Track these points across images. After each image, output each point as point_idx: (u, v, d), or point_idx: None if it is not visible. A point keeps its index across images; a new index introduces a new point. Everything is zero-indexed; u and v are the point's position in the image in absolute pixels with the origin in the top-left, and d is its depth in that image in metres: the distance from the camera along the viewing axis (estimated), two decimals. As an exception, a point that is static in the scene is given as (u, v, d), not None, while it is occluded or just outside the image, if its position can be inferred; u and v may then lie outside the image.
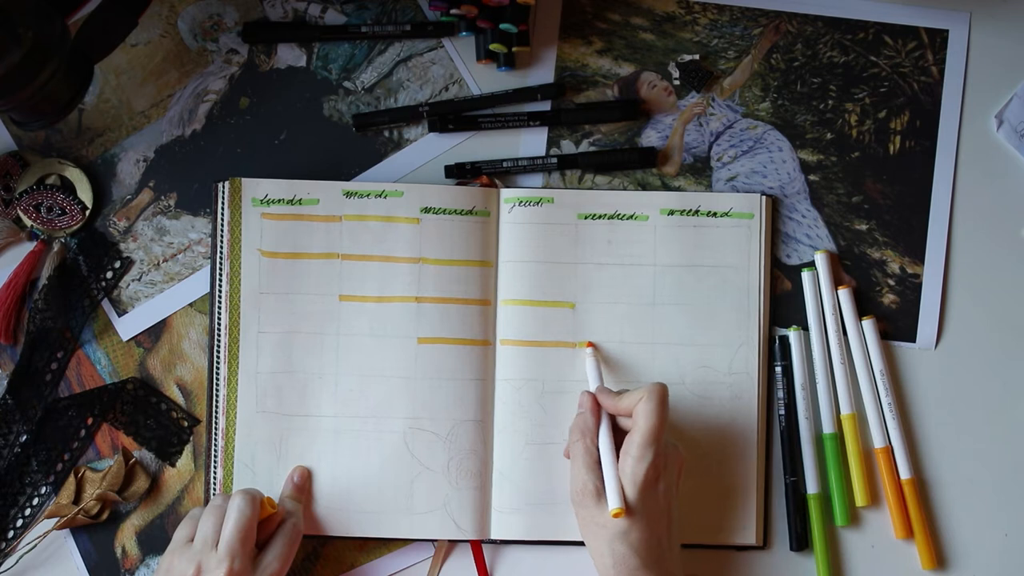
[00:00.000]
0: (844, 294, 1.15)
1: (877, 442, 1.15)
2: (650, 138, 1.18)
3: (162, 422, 1.16)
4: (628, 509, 1.03)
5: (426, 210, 1.15)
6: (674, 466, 1.07)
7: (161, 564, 1.07)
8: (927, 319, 1.17)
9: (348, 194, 1.15)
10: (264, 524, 1.08)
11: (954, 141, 1.18)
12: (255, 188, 1.15)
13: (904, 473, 1.14)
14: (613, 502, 1.03)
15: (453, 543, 1.15)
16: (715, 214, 1.16)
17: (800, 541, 1.14)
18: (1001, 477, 1.16)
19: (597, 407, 1.09)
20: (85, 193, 1.17)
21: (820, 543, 1.14)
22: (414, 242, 1.14)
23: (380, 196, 1.15)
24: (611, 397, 1.08)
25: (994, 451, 1.16)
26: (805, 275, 1.16)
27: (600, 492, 1.05)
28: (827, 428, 1.15)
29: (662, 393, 1.05)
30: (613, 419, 1.08)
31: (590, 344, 1.14)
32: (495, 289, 1.15)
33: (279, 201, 1.15)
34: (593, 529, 1.05)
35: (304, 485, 1.13)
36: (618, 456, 1.05)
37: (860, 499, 1.14)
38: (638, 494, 1.03)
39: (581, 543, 1.13)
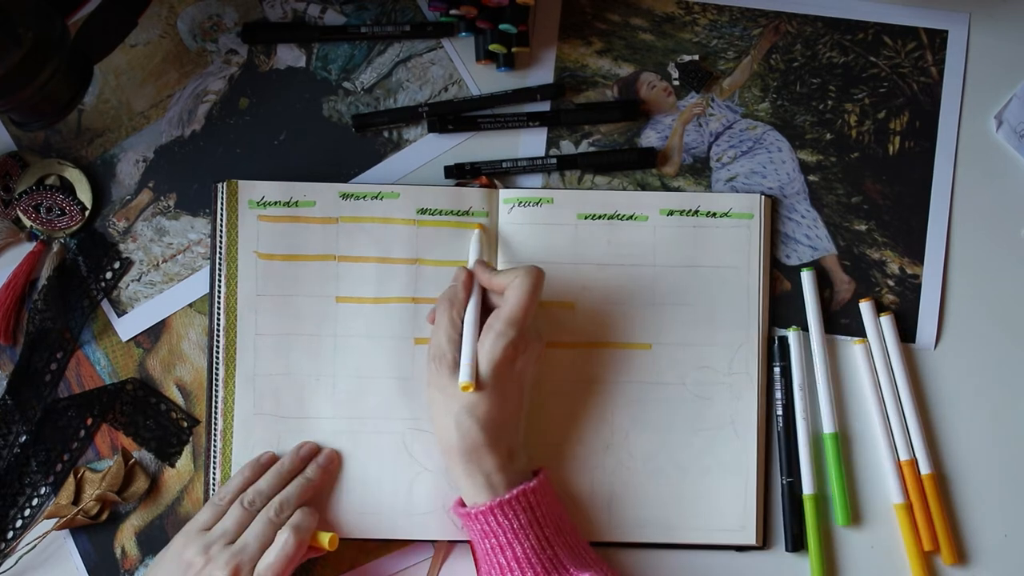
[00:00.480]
0: (866, 307, 1.16)
1: (901, 450, 1.15)
2: (650, 138, 1.18)
3: (161, 423, 1.16)
4: (479, 384, 1.04)
5: (423, 211, 1.15)
6: (534, 351, 1.07)
7: (172, 544, 1.08)
8: (927, 319, 1.17)
9: (344, 196, 1.15)
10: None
11: (953, 141, 1.18)
12: (251, 190, 1.15)
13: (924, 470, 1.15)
14: (464, 375, 1.04)
15: (452, 543, 1.15)
16: (715, 214, 1.16)
17: (796, 542, 1.14)
18: (1001, 477, 1.16)
19: (471, 282, 1.09)
20: (84, 194, 1.17)
21: (816, 544, 1.14)
22: (411, 243, 1.14)
23: (376, 198, 1.15)
24: (487, 272, 1.09)
25: (994, 451, 1.16)
26: (804, 275, 1.16)
27: (455, 364, 1.05)
28: (827, 428, 1.15)
29: (537, 275, 1.06)
30: (485, 298, 1.09)
31: (480, 226, 1.14)
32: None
33: (275, 203, 1.15)
34: (441, 400, 1.06)
35: (330, 467, 1.13)
36: (480, 332, 1.06)
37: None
38: (492, 370, 1.04)
39: (580, 543, 1.13)
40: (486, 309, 1.08)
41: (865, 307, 1.16)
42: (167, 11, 1.19)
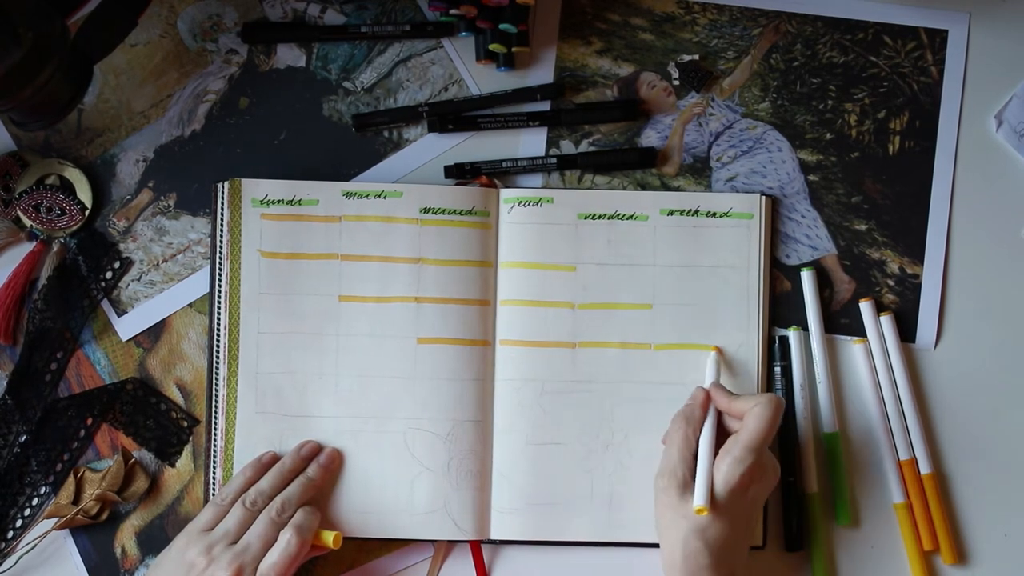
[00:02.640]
0: (866, 307, 1.16)
1: (901, 450, 1.15)
2: (650, 138, 1.19)
3: (161, 422, 1.16)
4: (713, 506, 1.03)
5: (425, 210, 1.15)
6: (768, 480, 1.07)
7: (174, 543, 1.08)
8: (927, 319, 1.17)
9: (348, 195, 1.15)
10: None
11: (953, 141, 1.18)
12: (255, 189, 1.15)
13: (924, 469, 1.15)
14: (700, 498, 1.03)
15: (453, 543, 1.15)
16: (715, 214, 1.16)
17: (795, 541, 1.14)
18: (1001, 476, 1.16)
19: (708, 403, 1.09)
20: (84, 193, 1.17)
21: (818, 543, 1.14)
22: (413, 242, 1.14)
23: (380, 196, 1.15)
24: (725, 395, 1.08)
25: (994, 451, 1.16)
26: (804, 275, 1.16)
27: (688, 484, 1.05)
28: (827, 428, 1.15)
29: (778, 404, 1.05)
30: (719, 422, 1.09)
31: (716, 349, 1.14)
32: (495, 289, 1.15)
33: (279, 202, 1.15)
34: (670, 517, 1.05)
35: (331, 466, 1.13)
36: (715, 455, 1.05)
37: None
38: (727, 494, 1.03)
39: (581, 544, 1.13)
40: (720, 432, 1.08)
41: (865, 307, 1.16)
42: (167, 11, 1.19)
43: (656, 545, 1.12)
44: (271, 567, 1.04)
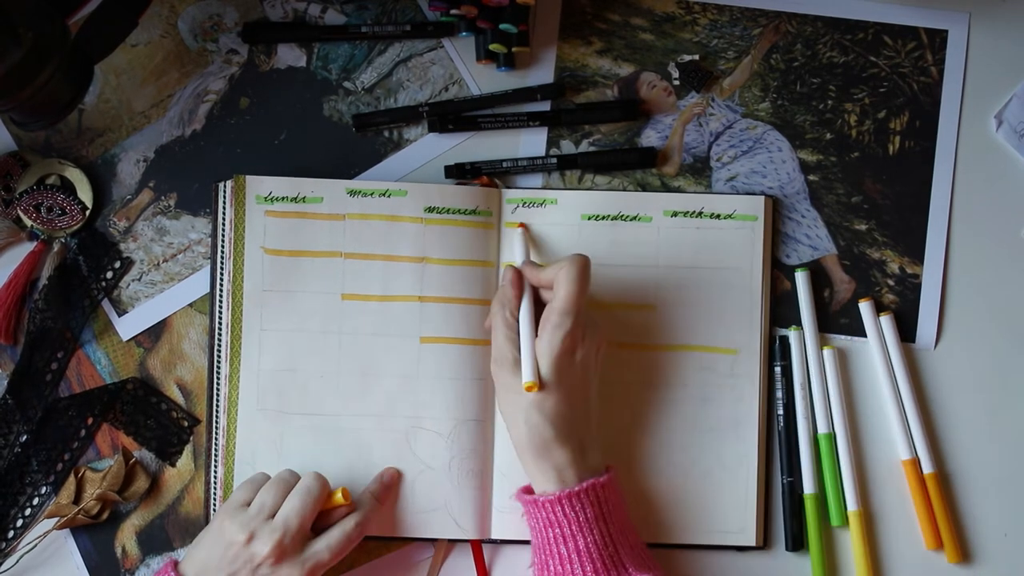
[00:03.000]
0: (865, 307, 1.16)
1: (903, 450, 1.15)
2: (650, 138, 1.19)
3: (162, 422, 1.16)
4: (542, 382, 1.04)
5: (430, 209, 1.15)
6: (593, 339, 1.07)
7: (212, 523, 1.08)
8: (927, 319, 1.17)
9: (352, 192, 1.15)
10: (330, 513, 1.09)
11: (953, 141, 1.18)
12: (259, 186, 1.15)
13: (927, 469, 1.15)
14: (527, 375, 1.04)
15: (453, 543, 1.15)
16: (719, 216, 1.16)
17: (796, 541, 1.14)
18: (1001, 476, 1.16)
19: (519, 281, 1.09)
20: (85, 193, 1.17)
21: (816, 543, 1.14)
22: (417, 241, 1.14)
23: (384, 195, 1.15)
24: (534, 269, 1.09)
25: (994, 451, 1.16)
26: (799, 275, 1.16)
27: (517, 363, 1.05)
28: (822, 428, 1.15)
29: (583, 262, 1.05)
30: (536, 295, 1.09)
31: (522, 225, 1.14)
32: (497, 289, 1.15)
33: (283, 199, 1.15)
34: (509, 398, 1.06)
35: (392, 485, 1.13)
36: (537, 328, 1.06)
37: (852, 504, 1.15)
38: (553, 364, 1.04)
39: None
40: (540, 307, 1.08)
41: (864, 307, 1.16)
42: (168, 11, 1.19)
43: (657, 546, 1.12)
44: (290, 509, 1.06)
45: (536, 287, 1.09)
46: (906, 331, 1.17)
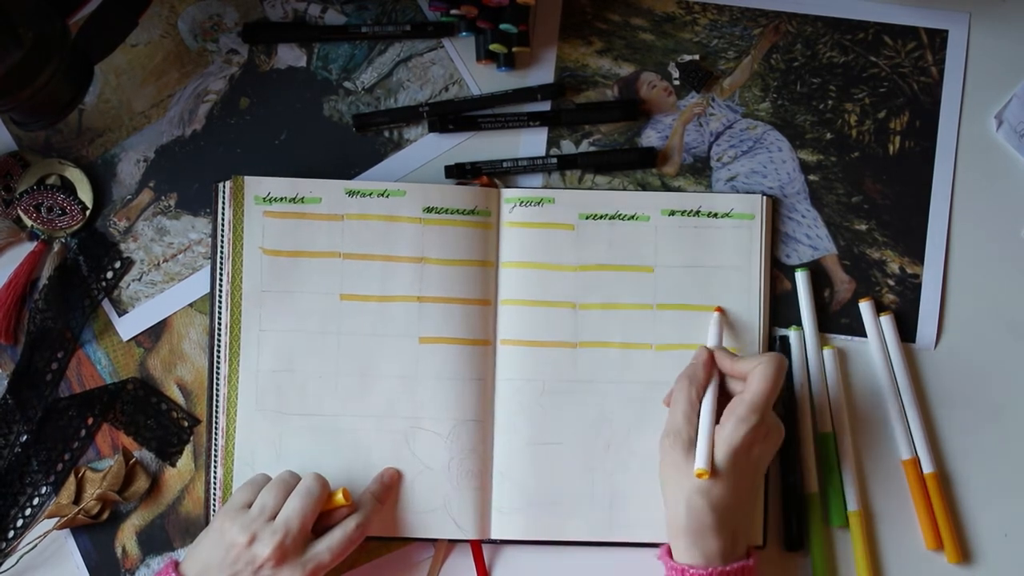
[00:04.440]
0: (865, 307, 1.16)
1: (904, 449, 1.15)
2: (650, 138, 1.19)
3: (162, 422, 1.16)
4: (715, 470, 1.03)
5: (428, 210, 1.15)
6: (773, 440, 1.07)
7: (212, 524, 1.08)
8: (927, 319, 1.17)
9: (350, 193, 1.15)
10: (331, 513, 1.09)
11: (953, 141, 1.18)
12: (258, 186, 1.15)
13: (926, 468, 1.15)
14: (700, 461, 1.03)
15: (453, 543, 1.15)
16: (716, 215, 1.16)
17: (795, 541, 1.14)
18: (1001, 476, 1.16)
19: (712, 364, 1.09)
20: (85, 193, 1.17)
21: (818, 543, 1.14)
22: (416, 242, 1.14)
23: (383, 195, 1.15)
24: (728, 357, 1.08)
25: (994, 451, 1.16)
26: (799, 275, 1.16)
27: (691, 444, 1.05)
28: (822, 428, 1.15)
29: (781, 362, 1.05)
30: (722, 383, 1.09)
31: (719, 309, 1.14)
32: (496, 289, 1.15)
33: (282, 199, 1.15)
34: (675, 477, 1.05)
35: (392, 485, 1.13)
36: (718, 418, 1.05)
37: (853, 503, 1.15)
38: (730, 455, 1.03)
39: (581, 543, 1.13)
40: (723, 394, 1.08)
41: (865, 307, 1.16)
42: (168, 11, 1.19)
43: (657, 545, 1.12)
44: (291, 510, 1.06)
45: (724, 375, 1.09)
46: (906, 331, 1.17)
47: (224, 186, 1.15)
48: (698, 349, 1.10)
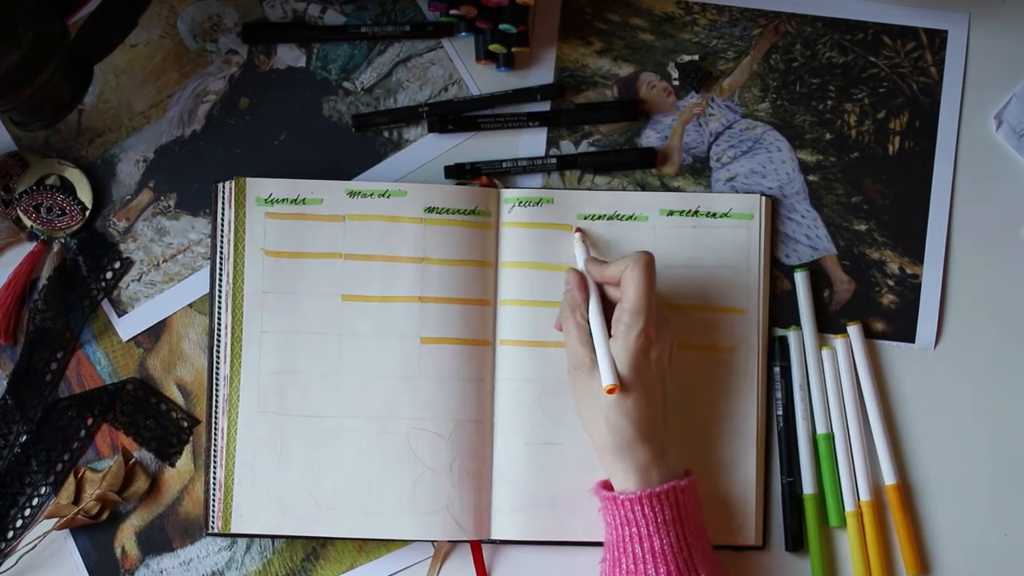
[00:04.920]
0: (854, 331, 1.16)
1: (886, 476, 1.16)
2: (649, 138, 1.19)
3: (162, 422, 1.16)
4: (621, 382, 1.03)
5: (430, 210, 1.15)
6: (666, 336, 1.07)
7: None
8: (926, 319, 1.17)
9: (352, 194, 1.15)
10: None
11: (953, 141, 1.18)
12: (259, 187, 1.15)
13: (889, 479, 1.14)
14: (606, 378, 1.03)
15: (453, 543, 1.15)
16: (714, 215, 1.16)
17: (795, 541, 1.14)
18: (1001, 477, 1.16)
19: (584, 283, 1.09)
20: (85, 193, 1.17)
21: (816, 543, 1.14)
22: (417, 242, 1.14)
23: (384, 196, 1.15)
24: (598, 265, 1.08)
25: (994, 451, 1.16)
26: (798, 275, 1.16)
27: (594, 365, 1.05)
28: (820, 429, 1.15)
29: (648, 259, 1.05)
30: (603, 294, 1.08)
31: (579, 230, 1.14)
32: (495, 289, 1.15)
33: (283, 200, 1.15)
34: (588, 402, 1.06)
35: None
36: (609, 329, 1.05)
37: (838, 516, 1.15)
38: (631, 364, 1.03)
39: (581, 543, 1.13)
40: (607, 305, 1.08)
41: (853, 331, 1.16)
42: (167, 11, 1.19)
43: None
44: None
45: (601, 284, 1.09)
46: (905, 331, 1.17)
47: (224, 187, 1.15)
48: (567, 272, 1.10)
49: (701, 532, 1.06)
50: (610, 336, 1.05)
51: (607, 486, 1.07)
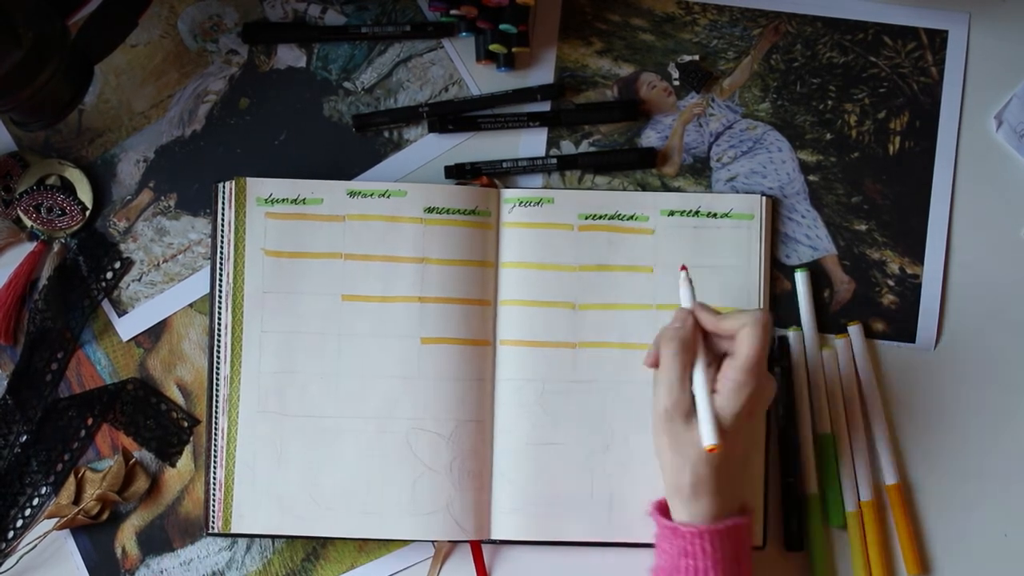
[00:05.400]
0: (854, 331, 1.16)
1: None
2: (650, 138, 1.19)
3: (162, 422, 1.16)
4: (722, 437, 1.01)
5: (429, 210, 1.15)
6: (767, 396, 1.05)
7: None
8: (926, 319, 1.17)
9: (352, 194, 1.15)
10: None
11: (953, 142, 1.18)
12: (259, 187, 1.15)
13: (890, 479, 1.14)
14: (709, 437, 1.00)
15: (453, 543, 1.15)
16: (715, 215, 1.16)
17: (796, 541, 1.14)
18: (1001, 477, 1.16)
19: (698, 328, 1.05)
20: (85, 194, 1.17)
21: (817, 544, 1.14)
22: (417, 242, 1.14)
23: (384, 196, 1.15)
24: (711, 315, 1.05)
25: (994, 451, 1.16)
26: (799, 276, 1.16)
27: (690, 412, 1.02)
28: (822, 429, 1.15)
29: (767, 320, 1.02)
30: (706, 343, 1.05)
31: (683, 268, 1.09)
32: (495, 289, 1.15)
33: (283, 200, 1.15)
34: (676, 448, 1.03)
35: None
36: (713, 383, 1.03)
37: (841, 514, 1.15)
38: (732, 423, 1.01)
39: (581, 543, 1.13)
40: (707, 351, 1.05)
41: (853, 331, 1.16)
42: (167, 11, 1.19)
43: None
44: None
45: (709, 333, 1.06)
46: (905, 332, 1.17)
47: (224, 187, 1.15)
48: (677, 311, 1.06)
49: (749, 569, 1.06)
50: (713, 390, 1.03)
51: (662, 509, 1.06)
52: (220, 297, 1.15)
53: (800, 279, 1.16)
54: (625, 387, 1.14)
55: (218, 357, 1.14)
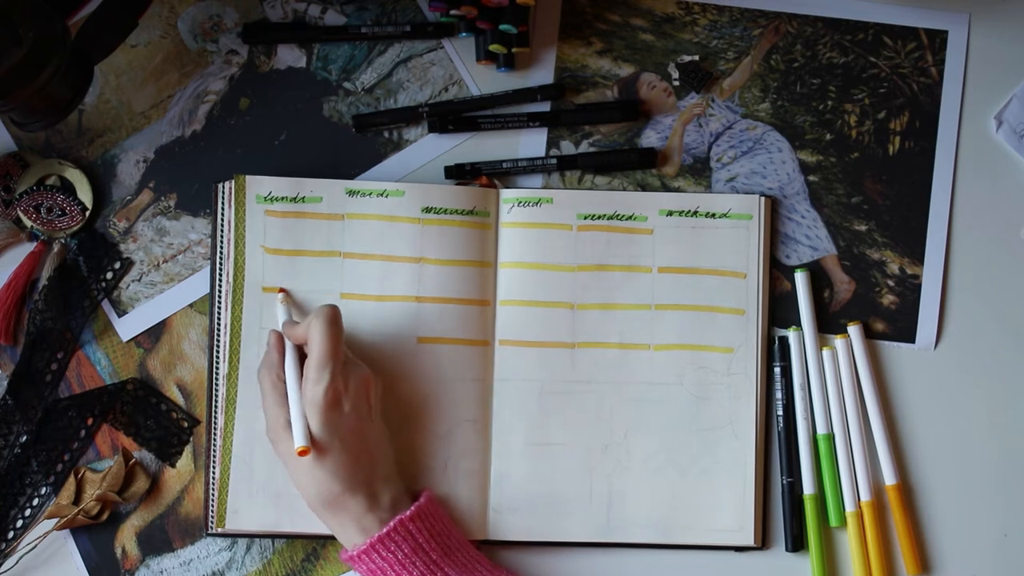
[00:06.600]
0: (854, 331, 1.16)
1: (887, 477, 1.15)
2: (650, 139, 1.19)
3: (162, 423, 1.16)
4: (315, 442, 1.03)
5: (427, 210, 1.15)
6: (360, 384, 1.06)
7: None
8: (926, 320, 1.17)
9: (351, 192, 1.15)
10: None
11: (953, 142, 1.18)
12: (259, 185, 1.15)
13: (890, 479, 1.14)
14: (298, 440, 1.03)
15: (453, 543, 1.15)
16: (714, 215, 1.16)
17: (796, 542, 1.14)
18: (1001, 477, 1.16)
19: (280, 342, 1.09)
20: (85, 194, 1.17)
21: (816, 544, 1.14)
22: (414, 242, 1.14)
23: (382, 195, 1.15)
24: (291, 327, 1.08)
25: (994, 451, 1.16)
26: (798, 276, 1.16)
27: (289, 425, 1.05)
28: (821, 429, 1.15)
29: (331, 313, 1.04)
30: (302, 353, 1.08)
31: (282, 290, 1.13)
32: (494, 289, 1.15)
33: (283, 199, 1.15)
34: (292, 462, 1.05)
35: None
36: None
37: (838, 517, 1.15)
38: (322, 421, 1.03)
39: (581, 544, 1.13)
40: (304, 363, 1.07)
41: (853, 331, 1.16)
42: (168, 11, 1.19)
43: (655, 546, 1.12)
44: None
45: (300, 345, 1.08)
46: (905, 332, 1.16)
47: (225, 186, 1.15)
48: (268, 332, 1.10)
49: (453, 545, 1.07)
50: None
51: (348, 556, 1.07)
52: (220, 295, 1.15)
53: (800, 279, 1.16)
54: (624, 387, 1.14)
55: (217, 354, 1.14)
